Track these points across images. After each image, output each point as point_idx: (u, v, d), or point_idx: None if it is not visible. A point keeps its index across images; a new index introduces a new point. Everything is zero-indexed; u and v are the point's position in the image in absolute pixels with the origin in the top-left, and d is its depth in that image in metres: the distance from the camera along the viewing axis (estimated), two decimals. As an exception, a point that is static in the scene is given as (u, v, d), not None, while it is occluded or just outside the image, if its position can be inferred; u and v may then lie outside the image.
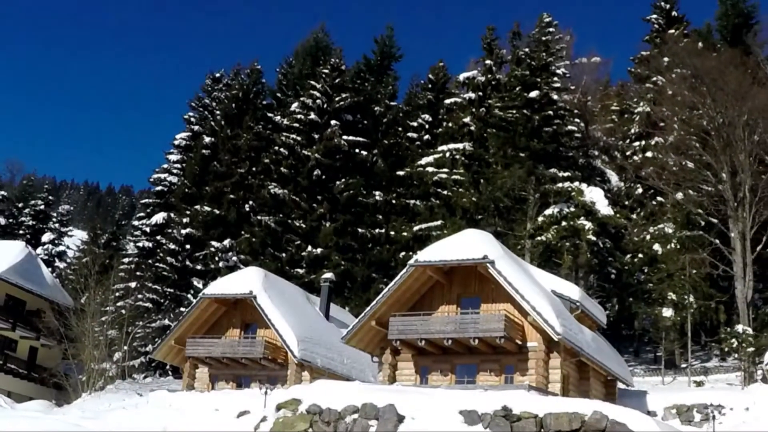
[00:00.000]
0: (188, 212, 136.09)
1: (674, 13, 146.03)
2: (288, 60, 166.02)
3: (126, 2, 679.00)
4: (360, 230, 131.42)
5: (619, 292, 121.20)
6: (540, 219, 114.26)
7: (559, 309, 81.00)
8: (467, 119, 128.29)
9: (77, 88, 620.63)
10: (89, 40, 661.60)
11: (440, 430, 63.40)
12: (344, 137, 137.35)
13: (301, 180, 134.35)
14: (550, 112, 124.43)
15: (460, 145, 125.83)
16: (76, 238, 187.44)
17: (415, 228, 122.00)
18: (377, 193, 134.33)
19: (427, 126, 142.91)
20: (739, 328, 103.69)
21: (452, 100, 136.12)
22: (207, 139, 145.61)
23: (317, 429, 66.15)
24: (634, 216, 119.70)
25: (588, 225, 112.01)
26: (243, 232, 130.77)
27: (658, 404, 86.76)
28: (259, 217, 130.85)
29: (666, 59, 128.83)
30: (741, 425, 72.62)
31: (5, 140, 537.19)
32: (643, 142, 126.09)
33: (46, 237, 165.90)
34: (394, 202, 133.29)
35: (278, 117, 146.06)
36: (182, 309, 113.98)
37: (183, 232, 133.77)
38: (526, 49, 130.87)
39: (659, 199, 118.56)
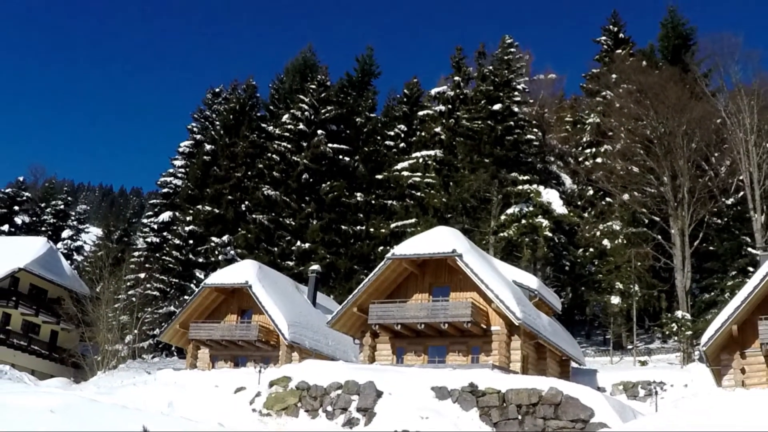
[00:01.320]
0: (191, 211, 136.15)
1: (621, 35, 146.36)
2: (279, 76, 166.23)
3: (136, 25, 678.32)
4: (343, 227, 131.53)
5: (572, 281, 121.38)
6: (502, 217, 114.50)
7: (520, 297, 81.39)
8: (438, 129, 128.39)
9: (93, 100, 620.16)
10: (105, 58, 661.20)
11: (414, 403, 63.66)
12: (329, 145, 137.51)
13: (291, 183, 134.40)
14: (512, 123, 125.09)
15: (431, 152, 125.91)
16: (92, 234, 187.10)
17: (392, 225, 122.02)
18: (358, 194, 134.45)
19: (402, 135, 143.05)
20: (679, 314, 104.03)
21: (425, 112, 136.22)
22: (208, 147, 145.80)
23: (305, 403, 66.62)
24: (585, 215, 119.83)
25: (545, 223, 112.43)
26: (240, 229, 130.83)
27: (607, 381, 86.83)
28: (254, 216, 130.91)
29: (614, 76, 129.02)
30: (680, 400, 72.55)
31: (30, 147, 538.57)
32: (594, 149, 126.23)
33: (66, 233, 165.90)
34: (373, 202, 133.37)
35: (271, 127, 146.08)
36: (186, 297, 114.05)
37: (186, 229, 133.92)
38: (490, 67, 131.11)
39: (608, 199, 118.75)
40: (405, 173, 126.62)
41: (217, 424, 64.25)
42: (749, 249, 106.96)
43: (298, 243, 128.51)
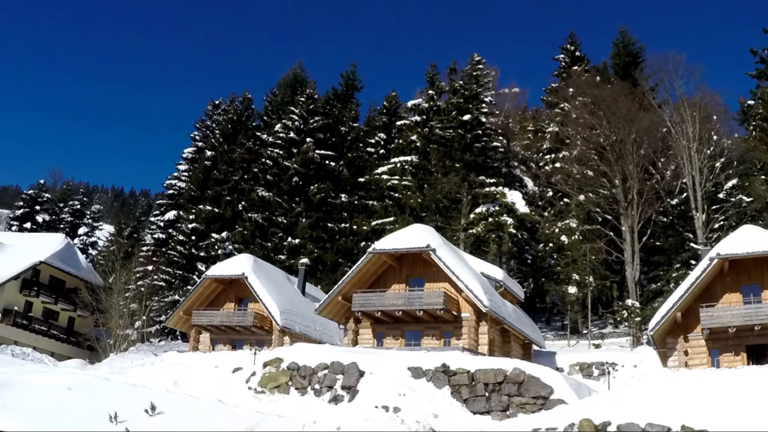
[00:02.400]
0: (193, 211, 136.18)
1: (577, 53, 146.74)
2: (272, 90, 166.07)
3: (145, 44, 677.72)
4: (329, 225, 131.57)
5: (533, 273, 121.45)
6: (471, 216, 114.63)
7: (487, 287, 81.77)
8: (414, 137, 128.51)
9: (106, 111, 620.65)
10: (117, 73, 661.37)
11: (392, 382, 63.79)
12: (317, 151, 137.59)
13: (282, 185, 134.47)
14: (480, 132, 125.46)
15: (408, 158, 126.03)
16: (105, 231, 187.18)
17: (373, 223, 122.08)
18: (343, 195, 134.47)
19: (382, 142, 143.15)
20: (629, 302, 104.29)
21: (402, 122, 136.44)
22: (208, 153, 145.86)
23: (295, 382, 66.69)
24: (545, 213, 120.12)
25: (509, 221, 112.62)
26: (237, 227, 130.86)
27: (565, 362, 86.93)
28: (249, 215, 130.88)
29: (571, 90, 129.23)
30: (630, 379, 72.84)
31: (49, 153, 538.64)
32: (553, 155, 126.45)
33: (81, 230, 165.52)
34: (356, 202, 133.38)
35: (265, 135, 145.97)
36: (189, 287, 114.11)
37: (189, 226, 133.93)
38: (461, 82, 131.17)
39: (565, 200, 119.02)
40: (384, 176, 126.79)
41: (217, 401, 64.48)
42: (691, 244, 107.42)
43: (289, 239, 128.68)
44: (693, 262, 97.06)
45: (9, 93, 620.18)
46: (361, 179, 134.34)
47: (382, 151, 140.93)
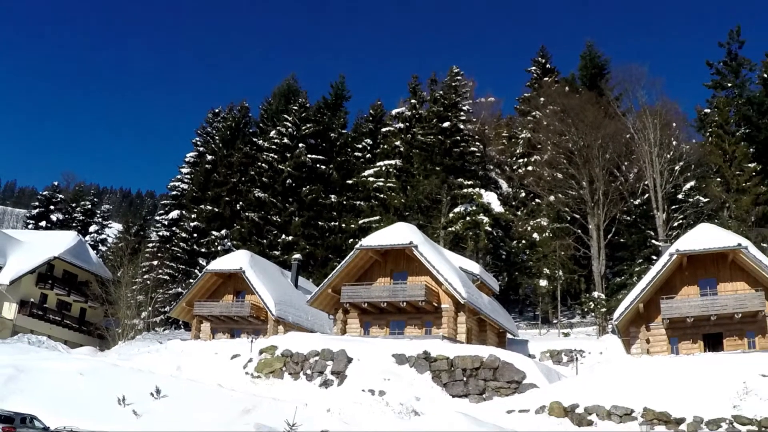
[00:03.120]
0: (195, 210, 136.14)
1: (548, 65, 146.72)
2: (268, 99, 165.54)
3: (151, 57, 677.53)
4: (320, 223, 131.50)
5: (508, 267, 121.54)
6: (450, 215, 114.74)
7: (465, 280, 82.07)
8: (398, 143, 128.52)
9: (116, 118, 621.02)
10: (126, 84, 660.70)
11: (378, 368, 63.96)
12: (308, 156, 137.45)
13: (277, 187, 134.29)
14: (458, 138, 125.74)
15: (392, 162, 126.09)
16: (114, 229, 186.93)
17: (360, 221, 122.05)
18: (332, 196, 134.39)
19: (368, 147, 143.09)
20: (595, 294, 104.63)
21: (387, 128, 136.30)
22: (209, 157, 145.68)
23: (289, 367, 67.54)
24: (518, 213, 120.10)
25: (485, 219, 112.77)
26: (235, 225, 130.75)
27: (537, 349, 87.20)
28: (246, 214, 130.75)
29: (542, 99, 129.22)
30: (596, 365, 72.98)
31: (63, 157, 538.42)
32: (526, 159, 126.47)
33: (92, 228, 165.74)
34: (344, 202, 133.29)
35: (261, 141, 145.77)
36: (191, 280, 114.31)
37: (191, 224, 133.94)
38: (441, 92, 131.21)
39: (537, 200, 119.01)
40: (371, 179, 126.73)
41: (217, 385, 64.69)
42: (653, 241, 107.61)
43: (283, 236, 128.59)
44: (654, 257, 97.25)
45: (27, 102, 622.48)
46: (349, 181, 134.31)
47: (368, 155, 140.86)
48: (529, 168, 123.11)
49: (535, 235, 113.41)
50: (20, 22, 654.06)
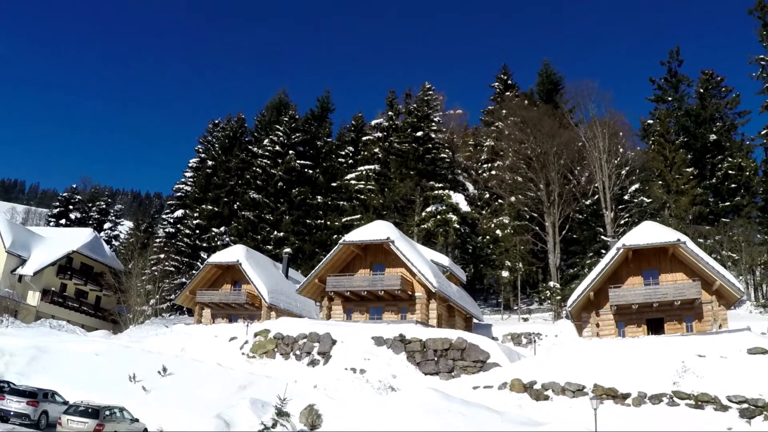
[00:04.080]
0: (197, 210, 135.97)
1: (509, 81, 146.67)
2: (261, 111, 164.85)
3: (158, 71, 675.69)
4: (308, 221, 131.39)
5: (474, 260, 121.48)
6: (423, 214, 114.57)
7: (436, 271, 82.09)
8: (376, 150, 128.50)
9: (128, 128, 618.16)
10: (136, 97, 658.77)
11: (359, 349, 64.11)
12: (297, 161, 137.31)
13: (270, 189, 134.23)
14: (430, 146, 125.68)
15: (372, 167, 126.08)
16: (126, 226, 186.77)
17: (343, 220, 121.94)
18: (319, 197, 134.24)
19: (350, 154, 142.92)
20: (551, 284, 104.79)
21: (367, 137, 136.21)
22: (209, 163, 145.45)
23: (280, 348, 67.73)
24: (483, 212, 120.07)
25: (454, 218, 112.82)
26: (233, 222, 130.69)
27: (499, 332, 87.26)
28: (243, 213, 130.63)
29: (504, 111, 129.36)
30: (552, 346, 73.23)
31: (81, 162, 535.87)
32: (489, 165, 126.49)
33: (106, 225, 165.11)
34: (329, 203, 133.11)
35: (255, 148, 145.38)
36: (194, 272, 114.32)
37: (194, 222, 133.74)
38: (414, 105, 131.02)
39: (500, 201, 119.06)
40: (352, 182, 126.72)
41: (216, 364, 64.67)
42: (602, 237, 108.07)
43: (275, 232, 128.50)
44: (603, 251, 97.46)
45: (49, 112, 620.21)
46: (334, 184, 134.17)
47: (350, 161, 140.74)
48: (493, 172, 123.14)
49: (498, 231, 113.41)
50: (44, 43, 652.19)
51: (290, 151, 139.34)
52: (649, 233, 77.56)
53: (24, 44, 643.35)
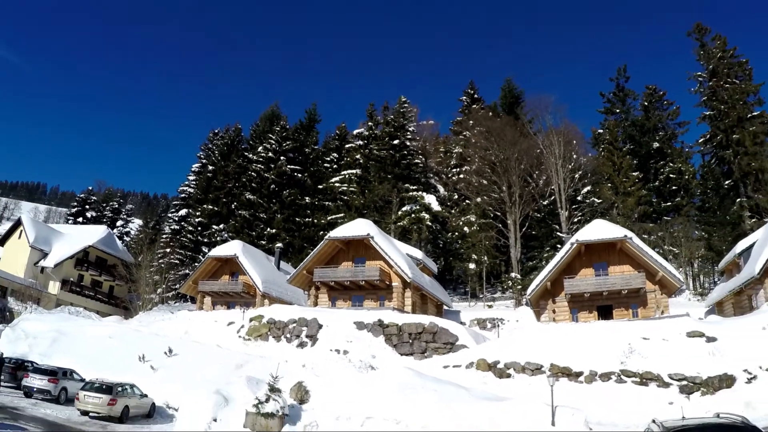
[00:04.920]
0: (199, 209, 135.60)
1: (476, 95, 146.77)
2: (256, 122, 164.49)
3: (165, 87, 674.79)
4: (297, 219, 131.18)
5: (444, 254, 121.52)
6: (399, 213, 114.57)
7: (410, 264, 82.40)
8: (358, 156, 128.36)
9: (138, 136, 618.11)
10: (146, 108, 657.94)
11: (342, 332, 64.21)
12: (288, 166, 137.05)
13: (263, 191, 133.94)
14: (405, 152, 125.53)
15: (354, 171, 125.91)
16: (136, 223, 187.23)
17: (328, 218, 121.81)
18: (307, 198, 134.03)
19: (335, 159, 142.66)
20: (513, 275, 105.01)
21: (349, 145, 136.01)
22: (210, 168, 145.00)
23: (272, 332, 67.94)
24: (452, 211, 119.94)
25: (426, 216, 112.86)
26: (231, 220, 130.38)
27: (467, 318, 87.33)
28: (240, 212, 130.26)
29: (471, 122, 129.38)
30: (513, 330, 73.36)
31: (96, 166, 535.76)
32: (458, 169, 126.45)
33: (119, 223, 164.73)
34: (316, 203, 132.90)
35: (250, 155, 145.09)
36: (196, 264, 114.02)
37: (196, 220, 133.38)
38: (392, 116, 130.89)
39: (467, 201, 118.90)
40: (337, 184, 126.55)
41: (216, 345, 64.78)
42: (558, 233, 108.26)
43: (268, 229, 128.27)
44: (559, 246, 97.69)
45: (67, 121, 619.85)
46: (320, 186, 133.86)
47: (335, 166, 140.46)
48: (461, 176, 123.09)
49: (465, 228, 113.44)
50: (63, 59, 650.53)
51: (281, 157, 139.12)
52: (600, 230, 77.97)
53: (44, 61, 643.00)
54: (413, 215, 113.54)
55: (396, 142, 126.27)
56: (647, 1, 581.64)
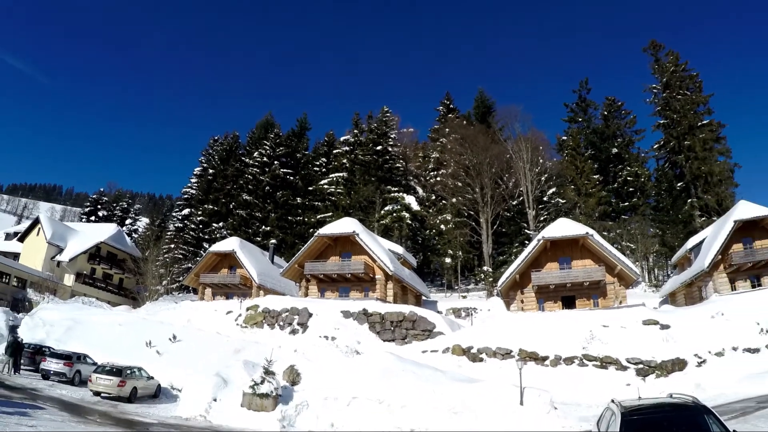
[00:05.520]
0: (201, 209, 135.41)
1: (451, 106, 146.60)
2: (252, 130, 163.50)
3: (171, 99, 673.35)
4: (289, 218, 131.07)
5: (423, 249, 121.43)
6: (382, 212, 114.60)
7: (392, 258, 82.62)
8: (344, 161, 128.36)
9: (146, 142, 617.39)
10: (154, 118, 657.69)
11: (331, 320, 64.36)
12: (281, 170, 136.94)
13: (259, 192, 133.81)
14: (387, 157, 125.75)
15: (341, 174, 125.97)
16: (143, 222, 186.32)
17: (318, 217, 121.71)
18: (298, 198, 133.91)
19: (324, 164, 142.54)
20: (485, 268, 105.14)
21: (337, 150, 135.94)
22: (210, 171, 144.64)
23: (267, 320, 68.00)
24: (430, 210, 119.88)
25: (407, 215, 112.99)
26: (229, 219, 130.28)
27: (443, 307, 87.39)
28: (237, 211, 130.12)
29: (447, 129, 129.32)
30: (486, 318, 73.51)
31: (108, 170, 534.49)
32: (436, 172, 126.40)
33: (128, 221, 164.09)
34: (306, 203, 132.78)
35: (247, 159, 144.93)
36: (198, 258, 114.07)
37: (198, 219, 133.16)
38: (375, 124, 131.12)
39: (443, 201, 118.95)
40: (325, 186, 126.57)
41: (216, 332, 64.76)
42: (526, 230, 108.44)
43: (263, 227, 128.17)
44: (527, 242, 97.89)
45: (82, 129, 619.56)
46: (310, 188, 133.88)
47: (324, 169, 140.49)
48: (438, 178, 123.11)
49: (442, 226, 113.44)
50: (79, 73, 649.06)
51: (275, 162, 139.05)
52: (564, 228, 78.36)
53: (63, 77, 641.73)
54: (394, 214, 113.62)
55: (379, 148, 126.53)
56: (608, 20, 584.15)
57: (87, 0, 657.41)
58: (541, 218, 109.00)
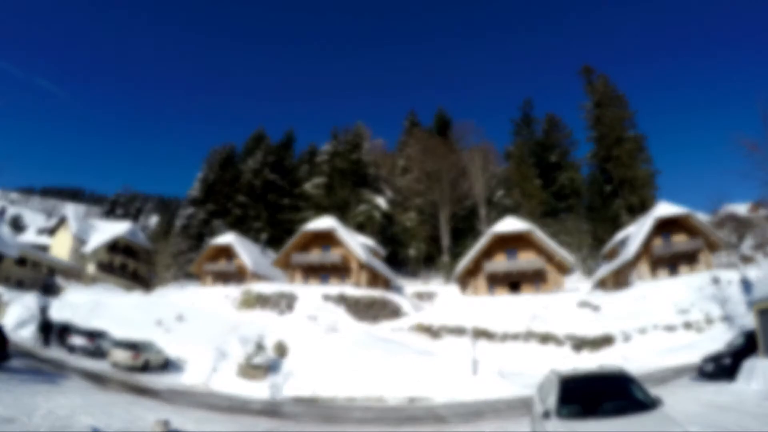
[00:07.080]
0: (203, 208, 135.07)
1: (415, 121, 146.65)
2: (246, 141, 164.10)
3: (176, 110, 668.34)
4: (278, 216, 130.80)
5: (391, 242, 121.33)
6: (357, 211, 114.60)
7: (365, 250, 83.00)
8: (325, 168, 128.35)
9: (155, 149, 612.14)
10: (162, 128, 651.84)
11: (313, 303, 64.49)
12: (271, 175, 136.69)
13: (252, 194, 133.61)
14: (361, 165, 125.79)
15: (322, 179, 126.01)
16: (154, 219, 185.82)
17: (302, 215, 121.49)
18: (286, 200, 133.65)
19: (307, 170, 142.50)
20: (444, 259, 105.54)
21: (318, 158, 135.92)
22: (211, 176, 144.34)
23: (260, 303, 67.94)
24: (397, 209, 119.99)
25: (377, 214, 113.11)
26: (227, 217, 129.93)
27: (409, 292, 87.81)
28: (234, 211, 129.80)
29: (412, 141, 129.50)
30: (445, 301, 73.89)
31: (124, 174, 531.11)
32: (402, 177, 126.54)
33: (141, 219, 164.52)
34: (292, 204, 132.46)
35: (242, 166, 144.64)
36: (201, 250, 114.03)
37: (201, 216, 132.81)
38: (351, 137, 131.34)
39: (409, 202, 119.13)
40: (308, 189, 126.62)
41: (216, 313, 64.61)
42: (478, 227, 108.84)
43: (256, 224, 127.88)
44: (480, 236, 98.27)
45: (101, 139, 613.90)
46: (296, 191, 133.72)
47: (307, 175, 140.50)
48: (404, 182, 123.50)
49: (407, 223, 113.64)
50: (96, 88, 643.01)
51: (266, 168, 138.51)
52: (511, 224, 78.97)
53: (81, 90, 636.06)
54: (367, 213, 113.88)
55: (354, 156, 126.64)
56: (548, 46, 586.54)
57: (99, 37, 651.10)
58: (492, 216, 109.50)
